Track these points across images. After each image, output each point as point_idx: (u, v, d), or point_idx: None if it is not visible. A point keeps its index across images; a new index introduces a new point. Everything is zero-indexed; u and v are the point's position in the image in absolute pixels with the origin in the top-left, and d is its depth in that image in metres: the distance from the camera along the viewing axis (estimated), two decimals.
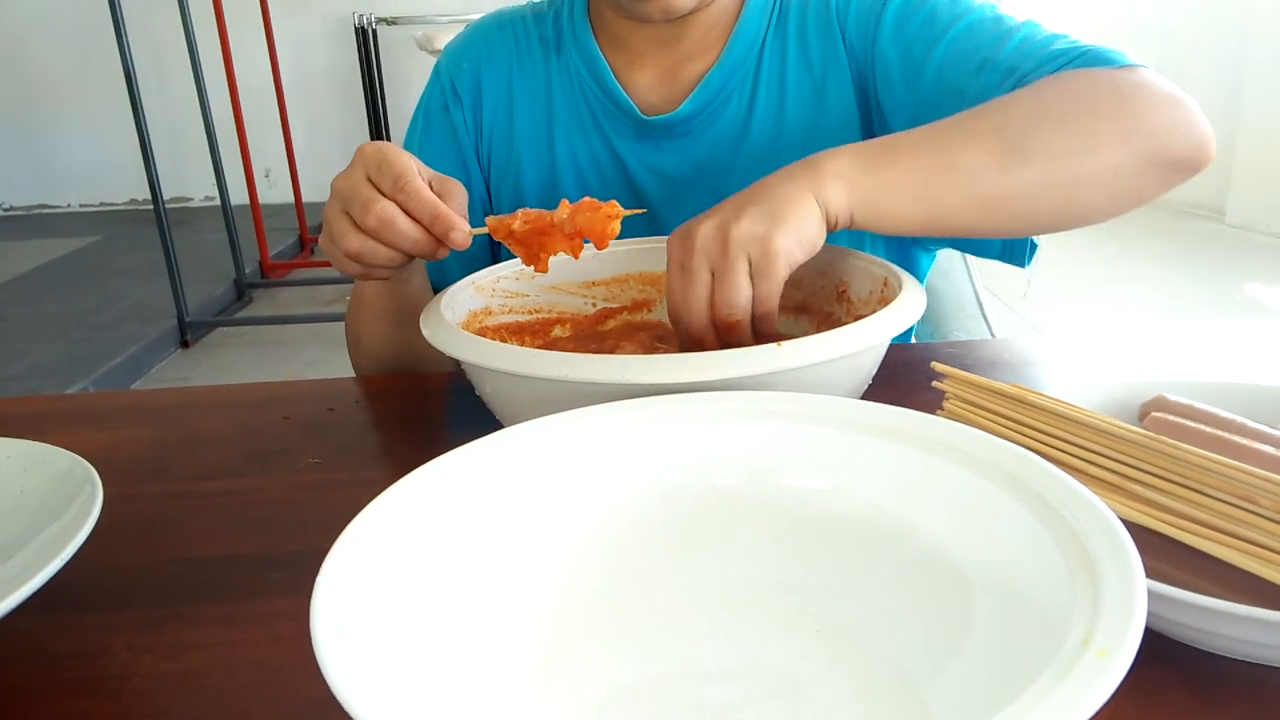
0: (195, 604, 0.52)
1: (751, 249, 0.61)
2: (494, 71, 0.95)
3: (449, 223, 0.66)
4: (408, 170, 0.67)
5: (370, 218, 0.66)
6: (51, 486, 0.54)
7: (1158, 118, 0.69)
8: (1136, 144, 0.68)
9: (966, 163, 0.67)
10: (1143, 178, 0.69)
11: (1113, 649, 0.30)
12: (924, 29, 0.81)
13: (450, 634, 0.39)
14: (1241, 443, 0.49)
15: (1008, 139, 0.67)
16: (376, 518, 0.41)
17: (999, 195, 0.68)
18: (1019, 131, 0.67)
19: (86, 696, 0.46)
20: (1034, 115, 0.68)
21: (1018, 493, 0.40)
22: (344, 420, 0.75)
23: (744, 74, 0.89)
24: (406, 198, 0.66)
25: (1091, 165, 0.67)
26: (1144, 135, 0.68)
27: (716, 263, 0.62)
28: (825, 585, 0.45)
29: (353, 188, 0.68)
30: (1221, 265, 3.97)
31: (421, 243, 0.67)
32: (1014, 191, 0.68)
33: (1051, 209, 0.69)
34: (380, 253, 0.68)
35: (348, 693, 0.31)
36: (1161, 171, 0.69)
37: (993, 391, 0.56)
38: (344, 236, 0.68)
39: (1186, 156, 0.69)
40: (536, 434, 0.49)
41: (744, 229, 0.62)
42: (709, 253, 0.62)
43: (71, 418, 0.80)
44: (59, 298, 3.84)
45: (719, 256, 0.62)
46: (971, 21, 0.80)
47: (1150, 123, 0.68)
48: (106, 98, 4.84)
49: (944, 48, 0.80)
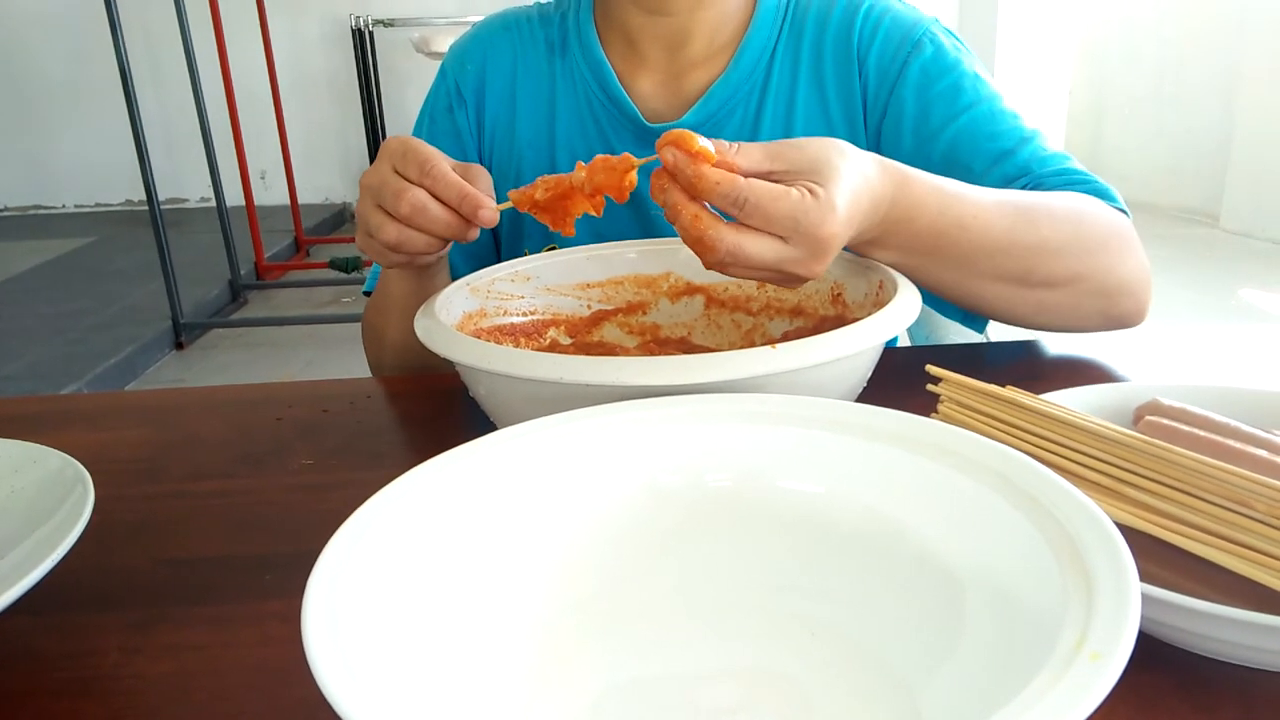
0: (187, 605, 0.52)
1: (800, 274, 0.61)
2: (498, 72, 0.95)
3: (476, 201, 0.68)
4: (432, 156, 0.68)
5: (403, 205, 0.67)
6: (42, 487, 0.54)
7: (1128, 281, 0.77)
8: (1102, 300, 0.76)
9: (982, 283, 0.73)
10: (1088, 320, 0.78)
11: (1106, 652, 0.30)
12: (946, 97, 0.85)
13: (443, 636, 0.39)
14: (1236, 447, 0.49)
15: (1018, 268, 0.73)
16: (369, 519, 0.41)
17: (991, 307, 0.77)
18: (1029, 262, 0.73)
19: (77, 697, 0.46)
20: (1045, 243, 0.73)
21: (1012, 496, 0.40)
22: (337, 422, 0.74)
23: (750, 88, 0.89)
24: (433, 182, 0.68)
25: (1063, 303, 0.75)
26: (1112, 296, 0.76)
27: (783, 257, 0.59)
28: (819, 588, 0.45)
29: (382, 180, 0.69)
30: (1216, 270, 3.98)
31: (453, 225, 0.69)
32: (1003, 308, 0.76)
33: (1013, 317, 0.78)
34: (417, 239, 0.69)
35: (339, 694, 0.31)
36: (1103, 322, 0.78)
37: (987, 395, 0.56)
38: (381, 229, 0.69)
39: (1126, 318, 0.78)
40: (530, 435, 0.48)
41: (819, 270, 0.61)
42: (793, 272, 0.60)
43: (64, 418, 0.80)
44: (54, 298, 3.84)
45: (794, 266, 0.60)
46: (994, 110, 0.85)
47: (1123, 285, 0.76)
48: (102, 98, 4.84)
49: (963, 123, 0.84)
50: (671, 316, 0.82)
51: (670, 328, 0.82)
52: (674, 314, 0.82)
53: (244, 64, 4.21)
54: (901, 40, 0.87)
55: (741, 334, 0.81)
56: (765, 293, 0.80)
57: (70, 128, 5.30)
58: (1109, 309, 0.77)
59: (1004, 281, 0.73)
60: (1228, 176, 4.44)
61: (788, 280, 0.62)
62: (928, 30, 0.87)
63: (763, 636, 0.44)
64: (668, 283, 0.82)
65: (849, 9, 0.89)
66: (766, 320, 0.80)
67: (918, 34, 0.86)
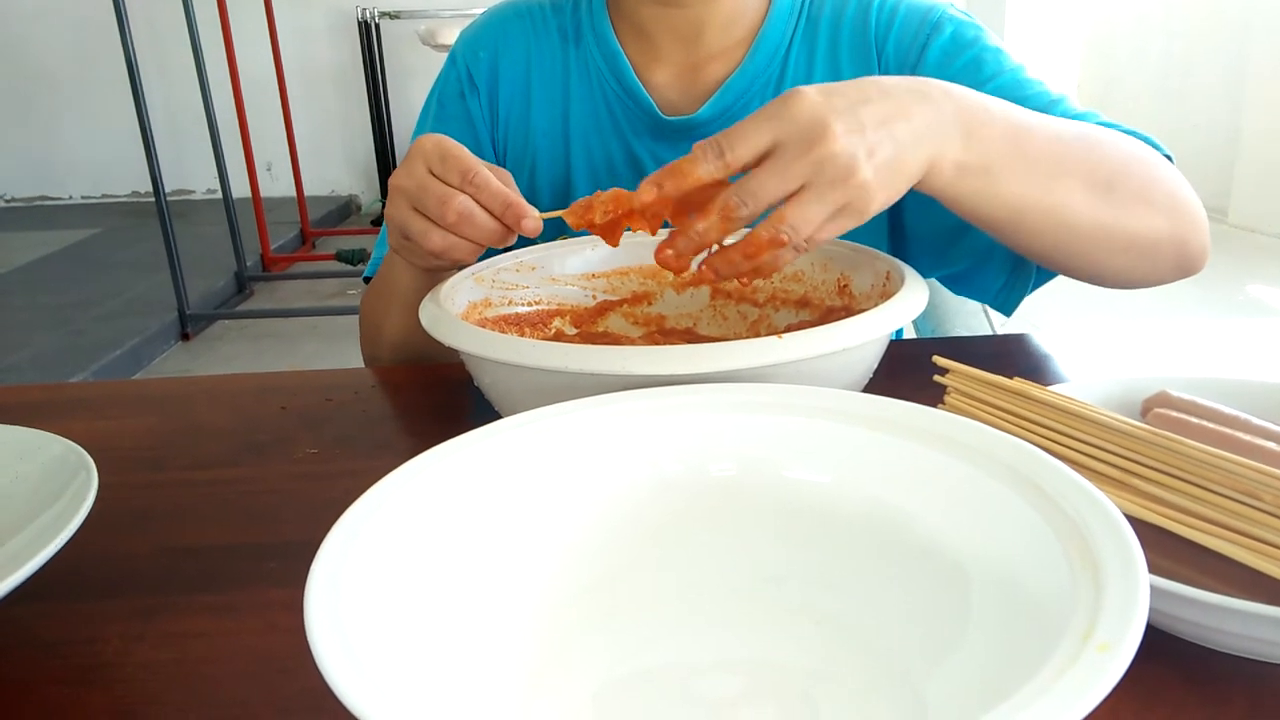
0: (190, 593, 0.52)
1: (855, 196, 0.57)
2: (511, 61, 0.94)
3: (520, 211, 0.67)
4: (474, 162, 0.67)
5: (449, 213, 0.66)
6: (46, 473, 0.54)
7: (1194, 209, 0.72)
8: (1176, 225, 0.70)
9: (1066, 188, 0.66)
10: (1165, 258, 0.71)
11: (1114, 643, 0.29)
12: (969, 71, 0.83)
13: (445, 624, 0.39)
14: (1244, 439, 0.49)
15: (1101, 176, 0.67)
16: (372, 507, 0.41)
17: (1073, 228, 0.68)
18: (1110, 171, 0.68)
19: (79, 685, 0.46)
20: (1121, 157, 0.69)
21: (1019, 486, 0.40)
22: (341, 411, 0.74)
23: (766, 80, 0.88)
24: (477, 190, 0.67)
25: (1144, 228, 0.69)
26: (1183, 220, 0.70)
27: (814, 189, 0.56)
28: (823, 578, 0.44)
29: (421, 185, 0.68)
30: (1224, 266, 3.96)
31: (497, 233, 0.68)
32: (1086, 231, 0.68)
33: (1099, 256, 0.70)
34: (462, 246, 0.69)
35: (342, 683, 0.30)
36: (1177, 259, 0.72)
37: (995, 386, 0.56)
38: (426, 236, 0.68)
39: (1197, 255, 0.72)
40: (534, 424, 0.48)
41: (869, 190, 0.57)
42: (821, 174, 0.56)
43: (68, 406, 0.80)
44: (60, 289, 3.84)
45: (825, 190, 0.56)
46: (1018, 78, 0.82)
47: (1190, 210, 0.71)
48: (108, 90, 4.84)
49: (989, 91, 0.80)
50: (677, 307, 0.82)
51: (676, 318, 0.82)
52: (679, 304, 0.82)
53: (250, 55, 4.20)
54: (920, 24, 0.86)
55: (747, 325, 0.81)
56: (771, 284, 0.80)
57: (76, 119, 5.30)
58: (1185, 238, 0.71)
59: (1093, 191, 0.67)
60: (1235, 172, 4.42)
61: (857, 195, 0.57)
62: (944, 12, 0.86)
63: (766, 627, 0.43)
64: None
65: (864, 0, 0.88)
66: (772, 311, 0.80)
67: (935, 16, 0.86)
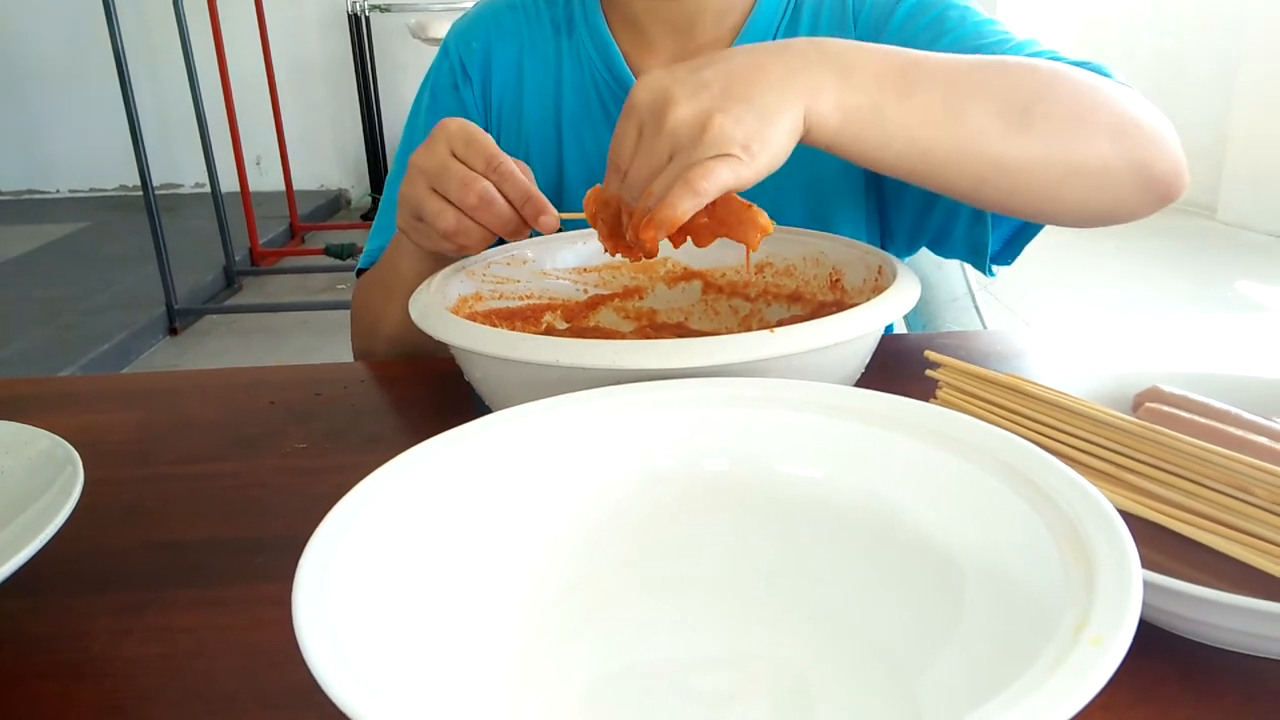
0: (178, 588, 0.52)
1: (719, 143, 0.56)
2: (504, 52, 0.93)
3: (540, 206, 0.67)
4: (499, 151, 0.67)
5: (471, 195, 0.66)
6: (31, 468, 0.54)
7: (1151, 129, 0.67)
8: (1128, 146, 0.65)
9: (972, 116, 0.62)
10: (1124, 185, 0.67)
11: (1107, 637, 0.29)
12: (932, 27, 0.81)
13: (436, 620, 0.39)
14: (1236, 433, 0.49)
15: (1015, 102, 0.63)
16: (361, 502, 0.41)
17: (994, 163, 0.63)
18: (1027, 96, 0.64)
19: (67, 679, 0.45)
20: (1042, 81, 0.65)
21: (1011, 480, 0.40)
22: (330, 405, 0.74)
23: None
24: (500, 178, 0.66)
25: (1084, 154, 0.64)
26: (1136, 140, 0.66)
27: (680, 155, 0.57)
28: (816, 572, 0.44)
29: (443, 165, 0.67)
30: (1212, 262, 3.98)
31: (513, 224, 0.67)
32: (1009, 163, 0.63)
33: (1038, 192, 0.66)
34: (474, 231, 0.68)
35: (330, 678, 0.30)
36: (1142, 185, 0.67)
37: (987, 380, 0.56)
38: (440, 215, 0.67)
39: (1165, 177, 0.67)
40: (524, 419, 0.48)
41: (726, 131, 0.56)
42: (678, 139, 0.57)
43: (54, 400, 0.80)
44: (47, 283, 3.82)
45: (688, 149, 0.56)
46: (979, 27, 0.80)
47: (1144, 130, 0.66)
48: (97, 83, 4.81)
49: (947, 42, 0.79)
50: (668, 301, 0.82)
51: (667, 313, 0.81)
52: (671, 299, 0.82)
53: (239, 49, 4.19)
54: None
55: (739, 319, 0.80)
56: (763, 278, 0.79)
57: (65, 112, 5.27)
58: (1143, 160, 0.66)
59: (1006, 119, 0.63)
60: (1224, 169, 4.43)
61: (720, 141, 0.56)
62: None
63: (759, 622, 0.43)
64: (665, 267, 0.81)
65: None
66: (764, 306, 0.80)
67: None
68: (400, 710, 0.29)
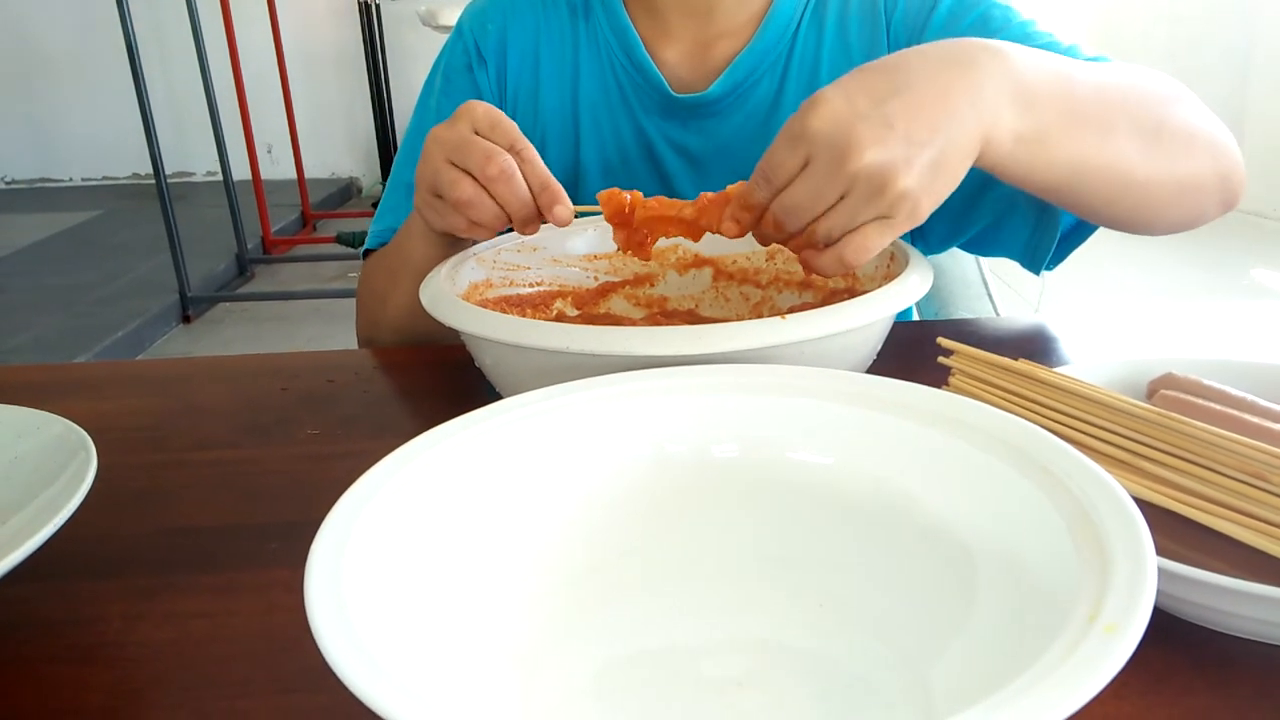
0: (191, 573, 0.52)
1: (896, 205, 0.55)
2: (520, 34, 0.92)
3: (556, 196, 0.66)
4: (523, 135, 0.67)
5: (492, 167, 0.65)
6: (45, 453, 0.54)
7: (1226, 140, 0.69)
8: (1218, 160, 0.68)
9: (1118, 137, 0.63)
10: (1211, 197, 0.69)
11: (1121, 624, 0.29)
12: (977, 27, 0.81)
13: (447, 605, 0.39)
14: (1251, 420, 0.48)
15: (1148, 122, 0.64)
16: (373, 488, 0.41)
17: (1127, 181, 0.65)
18: (1156, 114, 0.65)
19: (80, 664, 0.45)
20: (1162, 98, 0.66)
21: (1025, 467, 0.40)
22: (343, 392, 0.74)
23: (775, 57, 0.87)
24: (522, 161, 0.66)
25: (1193, 170, 0.67)
26: (1223, 153, 0.68)
27: (853, 201, 0.55)
28: (827, 560, 0.44)
29: (464, 139, 0.67)
30: (1228, 250, 3.95)
31: (527, 208, 0.67)
32: (1140, 181, 0.65)
33: (1154, 207, 0.68)
34: (488, 207, 0.67)
35: (342, 662, 0.30)
36: (1222, 195, 0.69)
37: (1000, 367, 0.55)
38: (456, 185, 0.67)
39: (1239, 187, 0.70)
40: (535, 405, 0.48)
41: (905, 197, 0.55)
42: (855, 188, 0.55)
43: (69, 387, 0.80)
44: (60, 271, 3.84)
45: (863, 203, 0.55)
46: (1025, 28, 0.79)
47: (1226, 144, 0.69)
48: (109, 71, 4.82)
49: None
50: (679, 289, 0.81)
51: (678, 300, 0.81)
52: (682, 286, 0.81)
53: (250, 37, 4.18)
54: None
55: (750, 307, 0.80)
56: (774, 265, 0.79)
57: (77, 101, 5.28)
58: (1227, 172, 0.69)
59: (1143, 139, 0.64)
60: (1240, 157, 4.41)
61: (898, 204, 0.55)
62: None
63: (770, 608, 0.43)
64: (675, 254, 0.81)
65: None
66: (775, 293, 0.79)
67: None
68: (412, 694, 0.29)
